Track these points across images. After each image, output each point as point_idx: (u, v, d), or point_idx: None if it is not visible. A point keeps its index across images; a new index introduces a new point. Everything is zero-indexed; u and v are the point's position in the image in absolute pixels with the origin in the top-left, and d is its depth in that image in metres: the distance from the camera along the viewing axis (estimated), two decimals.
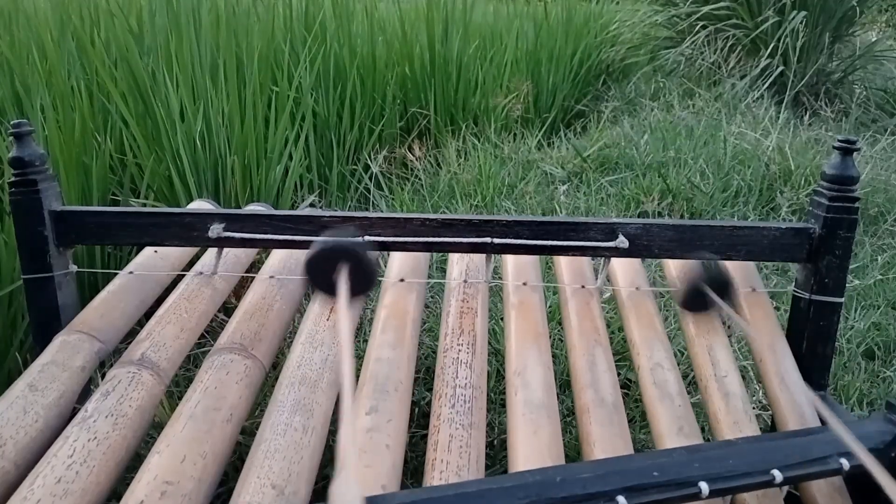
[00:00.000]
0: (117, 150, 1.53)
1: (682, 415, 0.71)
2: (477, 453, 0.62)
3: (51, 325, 0.80)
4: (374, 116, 2.15)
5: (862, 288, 1.47)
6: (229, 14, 1.93)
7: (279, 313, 0.83)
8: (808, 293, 0.81)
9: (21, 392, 0.67)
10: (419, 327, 0.83)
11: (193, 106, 1.52)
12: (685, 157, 1.99)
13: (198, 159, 1.49)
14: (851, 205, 0.79)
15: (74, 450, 0.60)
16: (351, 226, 0.80)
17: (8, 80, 1.65)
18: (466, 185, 1.89)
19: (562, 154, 2.12)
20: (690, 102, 2.60)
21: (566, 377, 1.05)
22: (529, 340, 0.78)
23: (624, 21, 3.27)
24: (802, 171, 1.91)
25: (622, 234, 0.80)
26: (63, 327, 0.78)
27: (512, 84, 2.49)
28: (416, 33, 2.41)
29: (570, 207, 1.79)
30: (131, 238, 0.83)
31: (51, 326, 0.79)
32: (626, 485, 0.53)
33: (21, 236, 0.80)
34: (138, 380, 0.70)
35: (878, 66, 3.16)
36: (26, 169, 0.79)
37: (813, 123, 2.54)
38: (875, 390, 1.19)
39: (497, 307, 1.25)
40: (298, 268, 0.92)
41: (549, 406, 0.68)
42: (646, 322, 0.83)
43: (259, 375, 0.75)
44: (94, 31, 1.92)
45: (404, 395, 0.69)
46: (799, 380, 0.78)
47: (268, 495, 0.55)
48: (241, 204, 1.53)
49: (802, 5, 2.79)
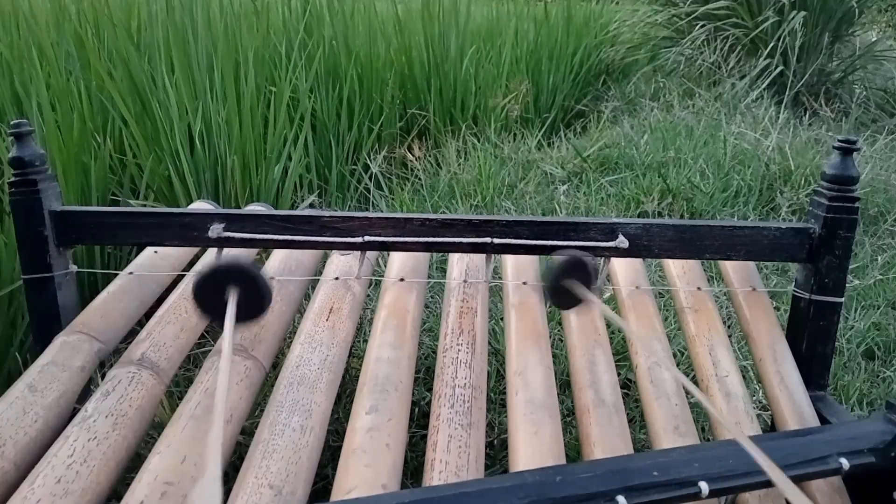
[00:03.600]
0: (117, 150, 1.53)
1: (678, 414, 0.71)
2: (476, 453, 0.62)
3: (51, 325, 0.80)
4: (374, 116, 2.15)
5: (862, 288, 1.47)
6: (227, 14, 1.93)
7: (279, 314, 0.83)
8: (808, 293, 0.81)
9: (21, 392, 0.67)
10: (419, 327, 0.83)
11: (192, 106, 1.52)
12: (685, 157, 1.99)
13: (197, 159, 1.49)
14: (851, 205, 0.79)
15: (74, 450, 0.60)
16: (351, 225, 0.80)
17: (7, 81, 1.65)
18: (466, 185, 1.89)
19: (562, 154, 2.12)
20: (690, 102, 2.60)
21: (566, 377, 1.05)
22: (529, 340, 0.77)
23: (624, 21, 3.27)
24: (802, 171, 1.91)
25: (622, 234, 0.80)
26: (63, 327, 0.78)
27: (511, 84, 2.49)
28: (414, 33, 2.41)
29: (570, 207, 1.79)
30: (131, 238, 0.83)
31: (51, 327, 0.79)
32: (625, 485, 0.53)
33: (21, 236, 0.80)
34: (138, 380, 0.70)
35: (878, 66, 3.16)
36: (26, 169, 0.78)
37: (813, 123, 2.54)
38: (875, 390, 1.19)
39: (497, 307, 1.25)
40: (299, 268, 0.92)
41: (549, 406, 0.68)
42: (645, 322, 0.83)
43: (259, 376, 0.75)
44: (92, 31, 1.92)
45: (404, 395, 0.69)
46: (799, 380, 0.78)
47: (265, 495, 0.55)
48: (241, 204, 1.53)
49: (802, 5, 2.79)
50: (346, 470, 0.58)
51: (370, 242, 0.80)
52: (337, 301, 0.82)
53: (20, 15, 1.95)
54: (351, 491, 0.55)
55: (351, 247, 0.81)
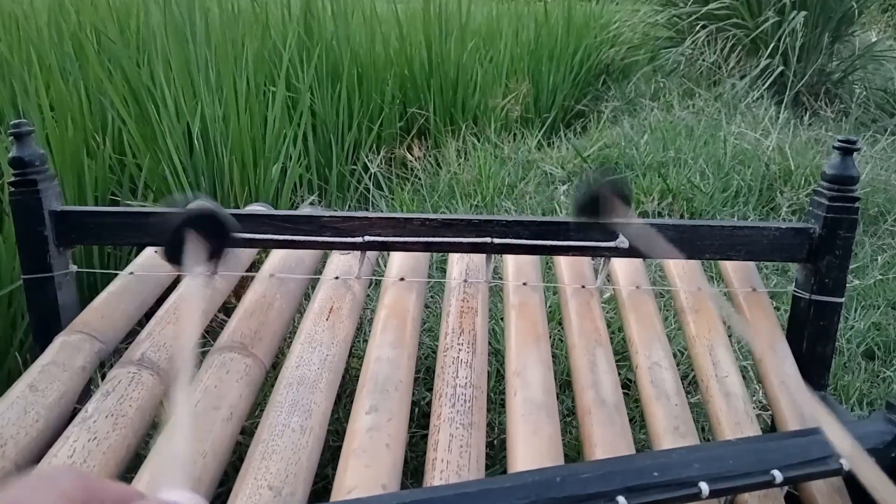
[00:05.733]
0: (116, 150, 1.53)
1: (678, 414, 0.71)
2: (477, 453, 0.62)
3: (51, 325, 0.80)
4: (373, 116, 2.15)
5: (862, 288, 1.47)
6: (226, 13, 1.93)
7: (279, 312, 0.83)
8: (808, 293, 0.81)
9: (21, 392, 0.67)
10: (419, 327, 0.83)
11: (191, 105, 1.52)
12: (685, 157, 1.99)
13: (195, 159, 1.49)
14: (851, 205, 0.79)
15: (75, 450, 0.60)
16: (351, 225, 0.80)
17: (7, 81, 1.65)
18: (466, 185, 1.89)
19: (562, 154, 2.12)
20: (690, 102, 2.60)
21: (566, 377, 1.05)
22: (529, 340, 0.77)
23: (624, 21, 3.27)
24: (802, 171, 1.91)
25: (622, 234, 0.80)
26: (63, 327, 0.78)
27: (511, 84, 2.49)
28: (414, 33, 2.40)
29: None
30: (131, 238, 0.83)
31: (51, 326, 0.79)
32: (626, 485, 0.53)
33: (21, 236, 0.80)
34: (138, 380, 0.70)
35: (878, 66, 3.16)
36: (26, 169, 0.78)
37: (813, 123, 2.54)
38: (875, 390, 1.19)
39: (497, 307, 1.25)
40: (299, 268, 0.92)
41: (548, 406, 0.68)
42: (645, 322, 0.83)
43: (259, 374, 0.74)
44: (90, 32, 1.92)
45: (404, 395, 0.69)
46: (799, 380, 0.78)
47: (264, 496, 0.55)
48: (240, 204, 1.53)
49: (802, 5, 2.79)
50: (346, 470, 0.58)
51: (370, 242, 0.80)
52: (337, 301, 0.82)
53: (19, 16, 1.95)
54: (351, 491, 0.55)
55: (351, 247, 0.81)
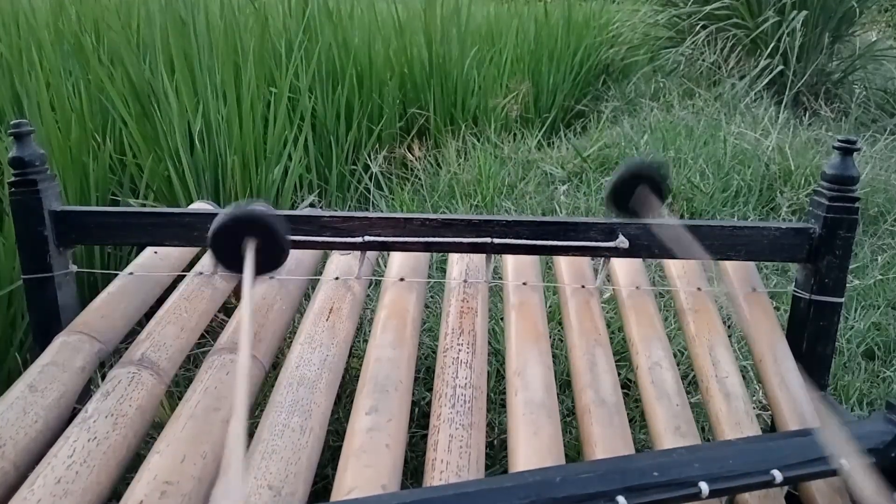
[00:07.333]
0: (117, 150, 1.53)
1: (679, 414, 0.71)
2: (477, 453, 0.62)
3: (51, 325, 0.80)
4: (374, 116, 2.15)
5: (862, 288, 1.47)
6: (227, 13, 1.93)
7: (279, 313, 0.83)
8: (808, 293, 0.81)
9: (21, 393, 0.67)
10: (419, 327, 0.83)
11: (192, 105, 1.52)
12: (685, 157, 1.99)
13: (197, 159, 1.49)
14: (851, 205, 0.78)
15: (74, 450, 0.60)
16: (351, 225, 0.80)
17: (7, 81, 1.65)
18: (466, 185, 1.89)
19: (562, 154, 2.12)
20: (690, 102, 2.60)
21: (566, 377, 1.05)
22: (529, 340, 0.77)
23: (624, 21, 3.27)
24: (802, 171, 1.91)
25: (622, 234, 0.80)
26: (63, 327, 0.78)
27: (511, 84, 2.49)
28: (414, 33, 2.40)
29: (570, 207, 1.79)
30: (132, 238, 0.83)
31: (51, 327, 0.79)
32: (626, 485, 0.53)
33: (21, 236, 0.80)
34: (138, 380, 0.70)
35: (878, 66, 3.16)
36: (26, 169, 0.78)
37: (813, 123, 2.54)
38: (875, 390, 1.19)
39: (497, 307, 1.25)
40: (299, 268, 0.92)
41: (549, 406, 0.68)
42: (645, 321, 0.83)
43: (259, 375, 0.75)
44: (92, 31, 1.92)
45: (404, 395, 0.69)
46: (799, 380, 0.78)
47: (264, 496, 0.55)
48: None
49: (802, 5, 2.79)
50: (346, 470, 0.58)
51: (370, 242, 0.80)
52: (337, 301, 0.82)
53: (20, 15, 1.95)
54: (351, 491, 0.55)
55: (351, 247, 0.81)
